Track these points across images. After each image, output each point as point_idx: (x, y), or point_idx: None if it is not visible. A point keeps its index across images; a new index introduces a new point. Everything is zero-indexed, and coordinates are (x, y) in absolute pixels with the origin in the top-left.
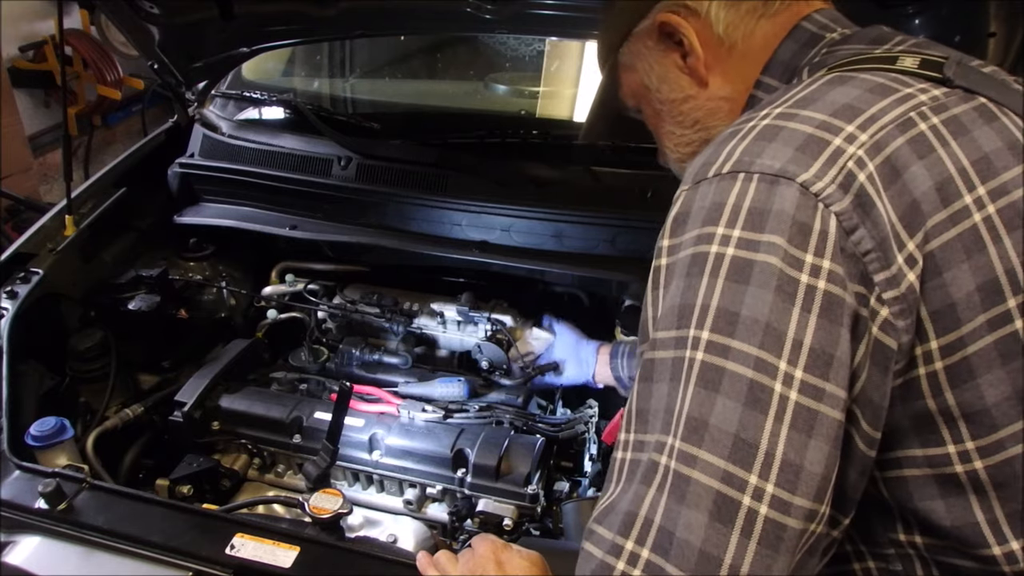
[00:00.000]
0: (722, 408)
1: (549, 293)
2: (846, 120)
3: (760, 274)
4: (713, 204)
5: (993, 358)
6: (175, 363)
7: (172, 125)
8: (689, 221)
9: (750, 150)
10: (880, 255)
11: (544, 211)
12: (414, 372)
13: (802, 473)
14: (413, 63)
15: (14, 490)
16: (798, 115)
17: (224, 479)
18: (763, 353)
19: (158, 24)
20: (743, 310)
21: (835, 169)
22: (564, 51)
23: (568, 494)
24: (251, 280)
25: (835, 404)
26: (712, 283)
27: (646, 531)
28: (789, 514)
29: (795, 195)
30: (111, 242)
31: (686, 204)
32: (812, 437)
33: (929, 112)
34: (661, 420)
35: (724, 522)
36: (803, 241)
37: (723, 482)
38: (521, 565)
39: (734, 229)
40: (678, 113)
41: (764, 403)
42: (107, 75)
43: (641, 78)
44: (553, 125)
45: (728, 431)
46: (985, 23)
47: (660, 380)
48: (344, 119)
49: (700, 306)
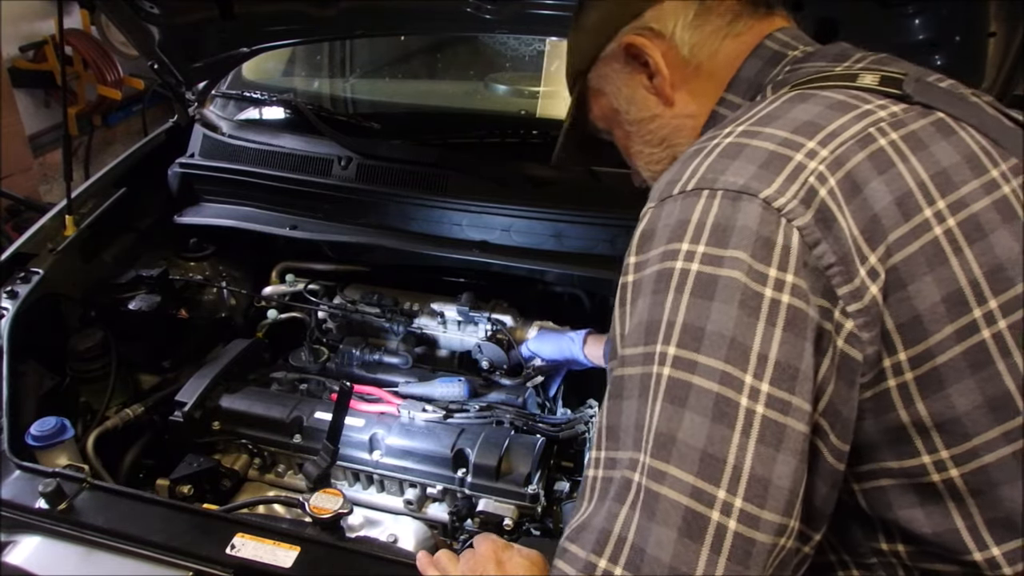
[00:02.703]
0: (690, 423)
1: (549, 293)
2: (807, 136)
3: (725, 289)
4: (678, 221)
5: (962, 368)
6: (175, 363)
7: (172, 125)
8: (655, 238)
9: (714, 167)
10: (843, 269)
11: (544, 211)
12: (414, 372)
13: (770, 487)
14: (413, 63)
15: (14, 490)
16: (761, 132)
17: (224, 479)
18: (729, 367)
19: (158, 24)
20: (708, 325)
21: (796, 184)
22: (564, 51)
23: (568, 494)
24: (251, 280)
25: (801, 417)
26: (678, 299)
27: (619, 549)
28: (758, 528)
29: (758, 211)
30: (111, 242)
31: (652, 221)
32: (779, 451)
33: (888, 128)
34: (632, 437)
35: (693, 538)
36: (767, 256)
37: (692, 497)
38: (522, 564)
39: (699, 245)
40: (646, 132)
41: (731, 417)
42: (107, 75)
43: (610, 101)
44: (553, 125)
45: (696, 446)
46: (985, 23)
47: (629, 397)
48: (344, 119)
49: (666, 322)
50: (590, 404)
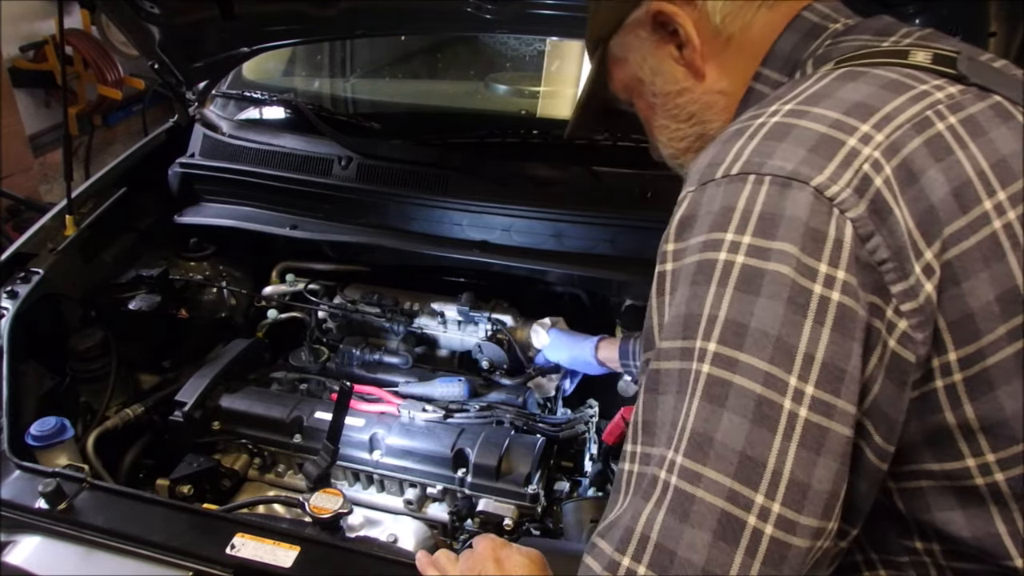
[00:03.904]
0: (728, 424)
1: (549, 293)
2: (860, 119)
3: (771, 284)
4: (721, 208)
5: (1013, 369)
6: (175, 363)
7: (173, 125)
8: (695, 225)
9: (760, 150)
10: (897, 265)
11: (544, 211)
12: (414, 372)
13: (809, 492)
14: (413, 63)
15: (14, 490)
16: (809, 112)
17: (224, 479)
18: (773, 368)
19: (159, 24)
20: (752, 322)
21: (850, 172)
22: (564, 51)
23: (568, 494)
24: (251, 280)
25: (845, 421)
26: (720, 292)
27: (642, 548)
28: (795, 533)
29: (808, 200)
30: (111, 242)
31: (692, 207)
32: (821, 455)
33: (946, 111)
34: (666, 434)
35: (728, 541)
36: (817, 249)
37: (728, 501)
38: (520, 563)
39: (744, 235)
40: (672, 107)
41: (773, 420)
42: (108, 75)
43: (633, 70)
44: (553, 125)
45: (734, 448)
46: (985, 23)
47: (666, 392)
48: (345, 119)
49: (707, 316)
50: (590, 404)
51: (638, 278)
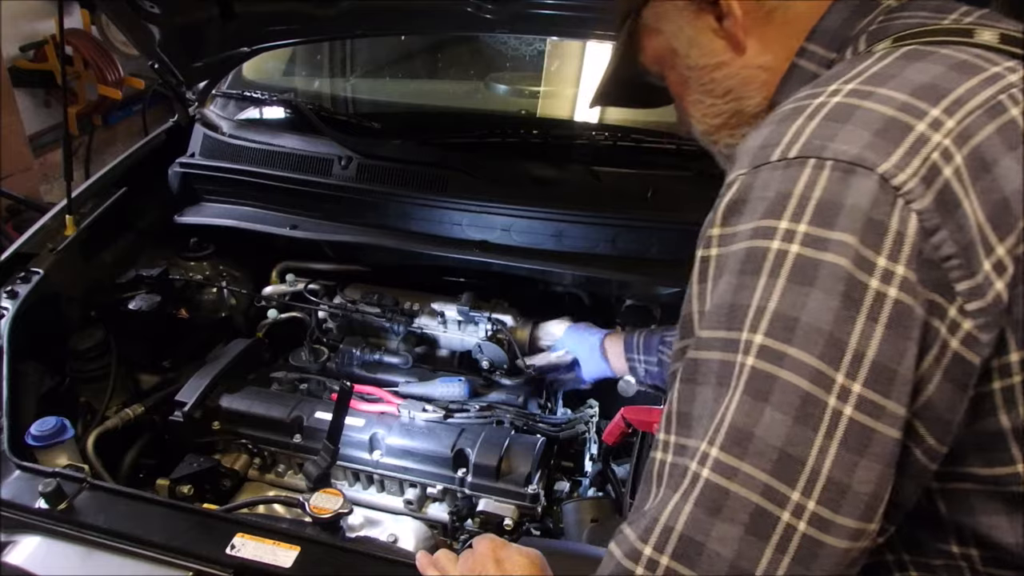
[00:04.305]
0: (770, 420)
1: (549, 293)
2: (930, 102)
3: (827, 277)
4: (777, 194)
5: None
6: (175, 363)
7: (173, 125)
8: (746, 210)
9: (821, 132)
10: (963, 262)
11: (544, 211)
12: (414, 372)
13: (848, 492)
14: (413, 63)
15: (14, 490)
16: (874, 93)
17: (224, 479)
18: (821, 364)
19: (158, 24)
20: (803, 315)
21: (918, 160)
22: (564, 51)
23: (568, 494)
24: (251, 280)
25: (892, 423)
26: (771, 283)
27: (666, 538)
28: (828, 532)
29: (873, 188)
30: (112, 242)
31: (743, 190)
32: (863, 456)
33: (1020, 95)
34: (703, 426)
35: (759, 536)
36: (877, 242)
37: (763, 496)
38: (520, 563)
39: (799, 223)
40: (709, 81)
41: (816, 418)
42: (108, 75)
43: (668, 42)
44: (554, 125)
45: (774, 444)
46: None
47: (705, 383)
48: (345, 119)
49: (755, 308)
50: (590, 404)
51: (638, 278)
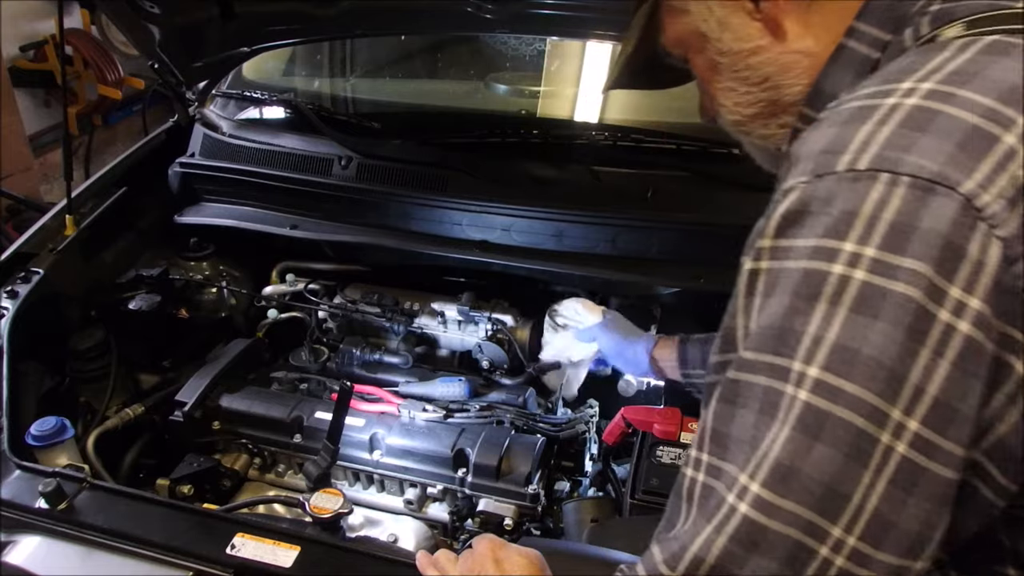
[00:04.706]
0: (819, 457)
1: (549, 293)
2: (1018, 108)
3: (893, 307)
4: (842, 212)
5: None
6: (175, 363)
7: (173, 125)
8: (806, 225)
9: (895, 141)
10: None
11: (544, 211)
12: (415, 372)
13: (892, 530)
14: (413, 63)
15: (14, 490)
16: (956, 96)
17: (224, 479)
18: (879, 400)
19: (158, 24)
20: (865, 348)
21: (1004, 178)
22: (564, 51)
23: (568, 494)
24: (251, 280)
25: (948, 462)
26: (831, 312)
27: (695, 567)
28: (867, 567)
29: (953, 210)
30: (112, 242)
31: (803, 201)
32: (912, 495)
33: None
34: (743, 453)
35: (794, 571)
36: (952, 270)
37: (803, 531)
38: (519, 563)
39: (867, 247)
40: (744, 67)
41: (867, 454)
42: (108, 75)
43: (695, 24)
44: (553, 125)
45: (820, 481)
46: None
47: (746, 407)
48: (345, 119)
49: (812, 336)
50: (590, 404)
51: (638, 278)
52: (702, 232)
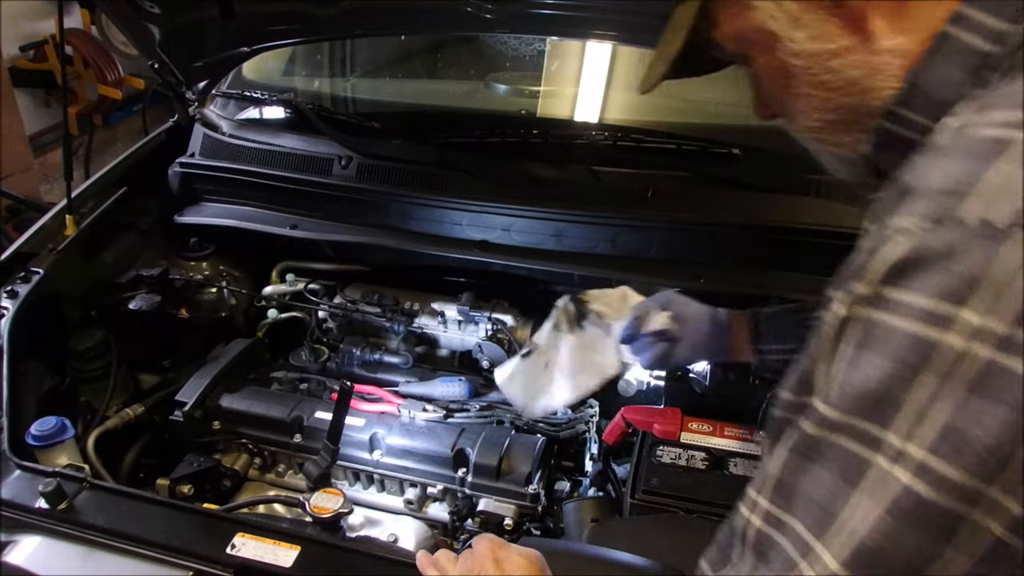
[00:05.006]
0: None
1: (549, 293)
2: None
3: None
4: (968, 273)
5: None
6: (176, 363)
7: (173, 125)
8: (919, 279)
9: None
10: None
11: (544, 210)
12: (415, 371)
13: None
14: (413, 63)
15: (14, 490)
16: None
17: (225, 479)
18: (981, 484)
19: (158, 24)
20: (977, 431)
21: None
22: (565, 51)
23: (569, 494)
24: (252, 280)
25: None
26: (940, 389)
27: None
28: None
29: None
30: (112, 242)
31: (917, 251)
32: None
33: None
34: (811, 514)
35: None
36: None
37: None
38: (519, 563)
39: (993, 320)
40: (824, 71)
41: (951, 530)
42: (108, 75)
43: (761, 20)
44: (553, 125)
45: (901, 559)
46: None
47: (823, 466)
48: (345, 118)
49: (915, 412)
50: (590, 404)
51: (638, 278)
52: (702, 232)
